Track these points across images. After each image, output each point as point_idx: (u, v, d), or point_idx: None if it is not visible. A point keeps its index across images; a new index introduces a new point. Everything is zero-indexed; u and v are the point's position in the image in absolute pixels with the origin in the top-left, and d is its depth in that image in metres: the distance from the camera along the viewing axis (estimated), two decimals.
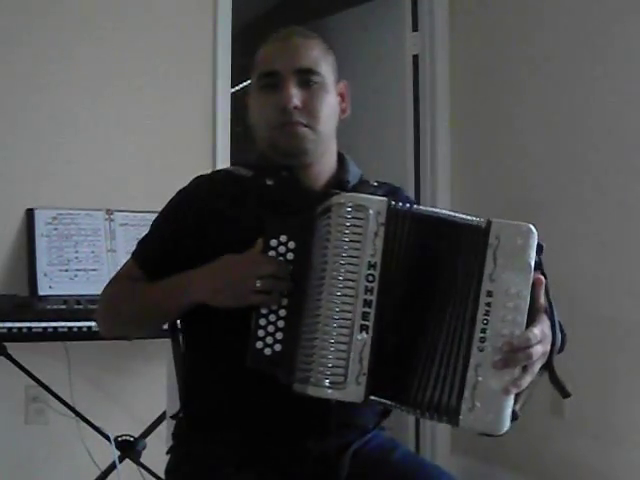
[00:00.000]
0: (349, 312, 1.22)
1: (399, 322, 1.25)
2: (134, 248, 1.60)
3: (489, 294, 1.21)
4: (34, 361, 2.65)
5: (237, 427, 1.43)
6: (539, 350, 1.25)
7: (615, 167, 2.93)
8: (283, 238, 1.33)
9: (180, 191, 1.58)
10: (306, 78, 1.48)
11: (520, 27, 3.35)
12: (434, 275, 1.26)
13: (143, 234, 1.60)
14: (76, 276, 2.78)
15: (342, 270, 1.23)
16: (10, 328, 2.47)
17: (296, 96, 1.47)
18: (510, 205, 3.33)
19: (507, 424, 1.23)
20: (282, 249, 1.33)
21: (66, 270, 2.79)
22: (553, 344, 1.29)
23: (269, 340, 1.31)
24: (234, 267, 1.36)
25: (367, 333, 1.22)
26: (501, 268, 1.21)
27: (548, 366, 1.30)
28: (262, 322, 1.32)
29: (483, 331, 1.21)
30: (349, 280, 1.23)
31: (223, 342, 1.44)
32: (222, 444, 1.43)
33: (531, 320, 1.24)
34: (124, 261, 1.62)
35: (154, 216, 1.61)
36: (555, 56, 3.18)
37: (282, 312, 1.32)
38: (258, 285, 1.31)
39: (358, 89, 4.48)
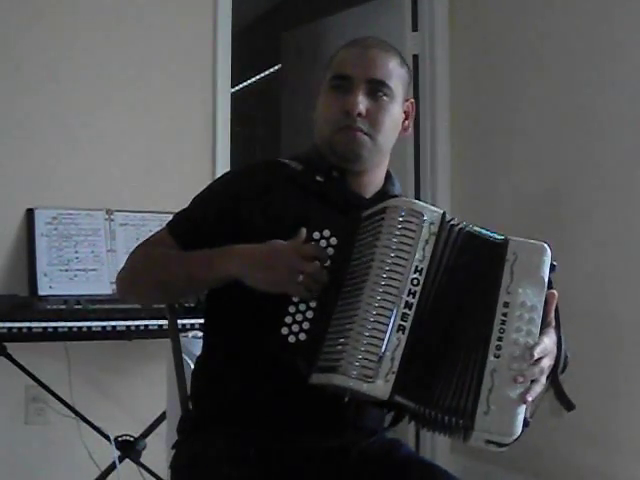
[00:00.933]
0: (390, 310, 1.25)
1: (432, 327, 1.28)
2: (170, 219, 1.59)
3: (506, 305, 1.28)
4: (34, 361, 2.65)
5: (245, 422, 1.44)
6: (546, 363, 1.30)
7: (616, 166, 2.93)
8: (326, 233, 1.36)
9: (229, 172, 1.62)
10: (376, 89, 1.51)
11: (520, 27, 3.35)
12: (464, 286, 1.31)
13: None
14: (76, 276, 2.79)
15: (388, 268, 1.26)
16: (10, 328, 2.47)
17: (362, 103, 1.50)
18: (509, 205, 3.33)
19: (519, 430, 1.26)
20: (323, 243, 1.36)
21: (66, 270, 2.79)
22: (558, 359, 1.35)
23: (295, 328, 1.33)
24: (281, 253, 1.36)
25: (403, 334, 1.24)
26: (517, 282, 1.29)
27: (554, 381, 1.36)
28: (291, 309, 1.33)
29: (499, 339, 1.27)
30: (394, 279, 1.26)
31: (245, 326, 1.45)
32: (228, 439, 1.44)
33: (541, 333, 1.30)
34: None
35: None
36: (555, 56, 3.18)
37: (313, 304, 1.34)
38: (300, 279, 1.32)
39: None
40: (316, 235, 1.36)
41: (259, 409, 1.43)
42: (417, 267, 1.26)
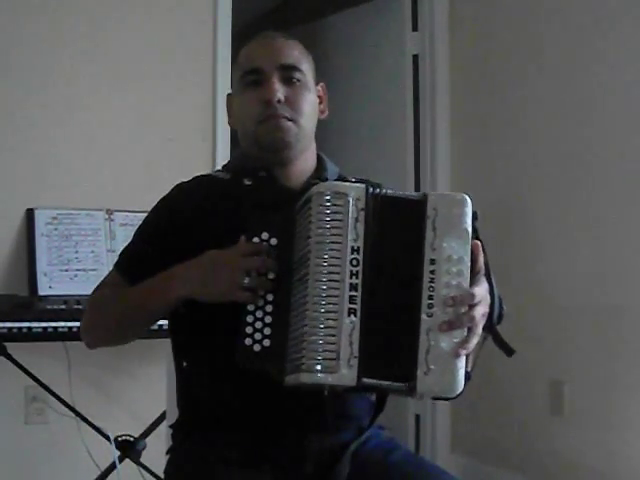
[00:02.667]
0: (336, 297, 1.24)
1: (379, 302, 1.26)
2: (116, 260, 1.61)
3: (432, 262, 1.26)
4: (34, 361, 2.65)
5: (234, 427, 1.44)
6: (480, 310, 1.29)
7: (616, 164, 2.93)
8: (264, 235, 1.35)
9: (161, 199, 1.59)
10: (289, 75, 1.53)
11: (520, 27, 3.35)
12: (395, 251, 1.29)
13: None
14: (76, 276, 2.79)
15: (326, 256, 1.25)
16: (10, 328, 2.46)
17: (279, 91, 1.50)
18: (509, 203, 3.33)
19: (462, 385, 1.26)
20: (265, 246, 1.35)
21: (66, 270, 2.79)
22: (492, 305, 1.34)
23: (257, 336, 1.32)
24: (221, 260, 1.37)
25: (355, 316, 1.23)
26: (440, 237, 1.27)
27: (491, 329, 1.35)
28: (249, 319, 1.33)
29: (430, 297, 1.25)
30: (334, 265, 1.25)
31: (212, 342, 1.44)
32: (220, 444, 1.43)
33: (471, 283, 1.29)
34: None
35: None
36: (555, 55, 3.18)
37: (268, 307, 1.33)
38: (245, 282, 1.32)
39: (358, 89, 4.50)
40: (255, 240, 1.35)
41: (245, 413, 1.43)
42: (353, 247, 1.25)
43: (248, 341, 1.32)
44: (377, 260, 1.26)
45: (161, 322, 1.64)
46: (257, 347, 1.31)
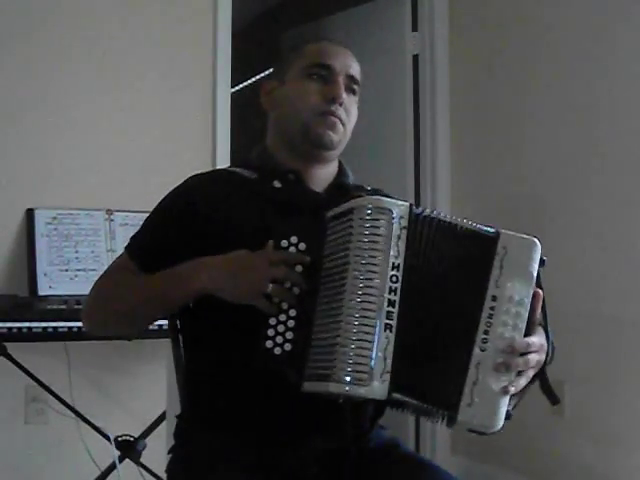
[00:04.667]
0: (373, 311, 1.24)
1: (419, 321, 1.28)
2: (127, 243, 1.58)
3: (493, 299, 1.27)
4: (34, 361, 2.65)
5: (239, 428, 1.43)
6: (535, 358, 1.31)
7: (617, 167, 2.93)
8: (294, 239, 1.34)
9: (175, 189, 1.57)
10: (351, 86, 1.57)
11: (520, 27, 3.35)
12: (448, 278, 1.30)
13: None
14: (76, 276, 2.79)
15: (365, 270, 1.25)
16: (10, 328, 2.47)
17: (344, 95, 1.54)
18: (510, 205, 3.33)
19: (501, 422, 1.28)
20: (292, 249, 1.34)
21: (66, 270, 2.79)
22: (546, 355, 1.36)
23: (279, 339, 1.31)
24: (249, 263, 1.36)
25: (391, 332, 1.24)
26: (506, 276, 1.28)
27: (541, 375, 1.36)
28: (272, 321, 1.32)
29: (486, 332, 1.27)
30: (373, 280, 1.25)
31: (226, 341, 1.44)
32: (224, 444, 1.43)
33: (527, 329, 1.30)
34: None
35: None
36: (555, 56, 3.18)
37: (292, 312, 1.32)
38: (269, 290, 1.31)
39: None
40: (284, 243, 1.34)
41: (253, 414, 1.42)
42: (394, 264, 1.25)
43: (269, 343, 1.31)
44: (419, 281, 1.27)
45: (161, 322, 1.64)
46: (278, 350, 1.31)
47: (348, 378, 1.22)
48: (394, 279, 1.25)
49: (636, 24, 2.87)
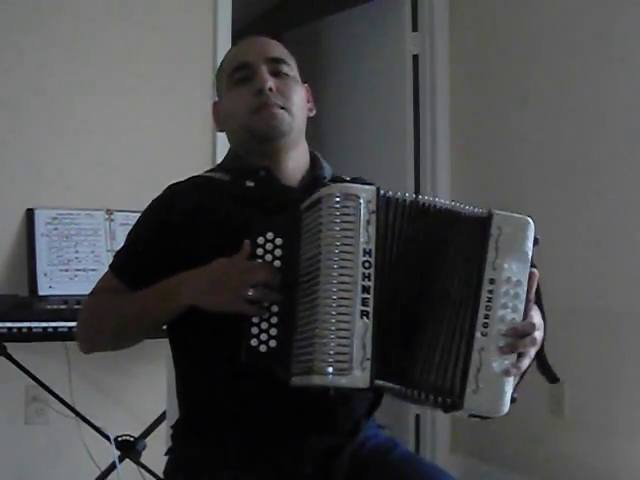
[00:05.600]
0: (348, 299, 1.23)
1: (400, 306, 1.27)
2: (111, 261, 1.59)
3: (491, 281, 1.26)
4: (34, 361, 2.65)
5: (235, 428, 1.43)
6: (538, 337, 1.31)
7: (614, 162, 2.93)
8: (269, 235, 1.34)
9: (154, 200, 1.57)
10: (277, 68, 1.55)
11: (520, 27, 3.35)
12: (434, 262, 1.29)
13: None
14: (76, 276, 2.79)
15: (337, 258, 1.24)
16: (10, 328, 2.46)
17: (270, 80, 1.52)
18: (510, 204, 3.32)
19: (507, 406, 1.26)
20: (269, 246, 1.34)
21: (66, 270, 2.79)
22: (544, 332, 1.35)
23: (263, 337, 1.31)
24: (227, 271, 1.35)
25: (368, 318, 1.23)
26: (502, 257, 1.27)
27: (539, 353, 1.36)
28: (255, 320, 1.32)
29: (486, 317, 1.25)
30: (345, 267, 1.24)
31: (214, 343, 1.44)
32: (221, 445, 1.43)
33: (525, 309, 1.29)
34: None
35: None
36: (555, 56, 3.18)
37: (274, 308, 1.32)
38: (250, 294, 1.31)
39: (358, 89, 4.49)
40: (260, 240, 1.34)
41: (246, 414, 1.42)
42: (365, 249, 1.24)
43: (254, 342, 1.31)
44: (393, 265, 1.26)
45: None
46: (263, 348, 1.31)
47: (330, 369, 1.22)
48: (367, 265, 1.24)
49: (636, 23, 2.87)
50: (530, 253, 1.29)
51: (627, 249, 2.88)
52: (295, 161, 1.57)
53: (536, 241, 1.31)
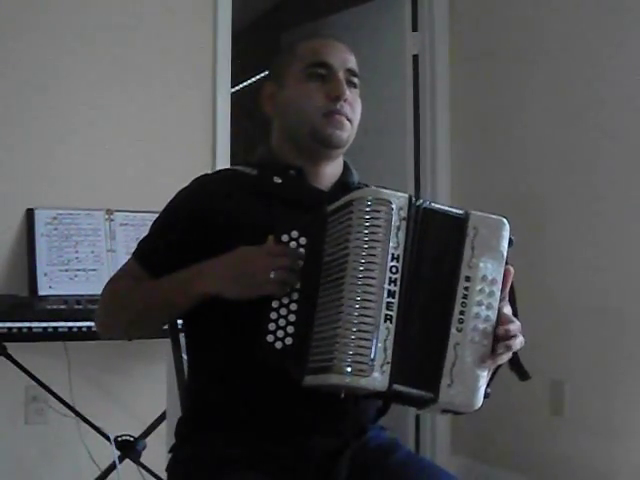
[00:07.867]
0: (373, 302, 1.24)
1: (416, 311, 1.28)
2: (134, 248, 1.58)
3: (467, 279, 1.29)
4: (34, 361, 2.65)
5: (241, 426, 1.43)
6: (518, 341, 1.32)
7: (616, 164, 2.93)
8: (294, 234, 1.35)
9: (182, 190, 1.58)
10: (351, 79, 1.56)
11: (520, 27, 3.35)
12: (433, 263, 1.31)
13: (143, 234, 1.59)
14: (76, 276, 2.79)
15: (365, 261, 1.25)
16: (10, 328, 2.47)
17: (348, 90, 1.53)
18: (510, 204, 3.33)
19: (481, 401, 1.28)
20: (293, 244, 1.35)
21: (66, 270, 2.79)
22: None
23: (280, 334, 1.31)
24: (249, 258, 1.36)
25: (391, 323, 1.24)
26: (478, 256, 1.30)
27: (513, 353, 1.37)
28: (273, 316, 1.32)
29: (461, 313, 1.28)
30: (373, 270, 1.25)
31: (228, 340, 1.44)
32: (225, 443, 1.43)
33: (501, 308, 1.31)
34: (124, 261, 1.60)
35: (154, 216, 1.60)
36: (555, 55, 3.18)
37: (293, 306, 1.33)
38: (272, 276, 1.32)
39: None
40: (285, 238, 1.35)
41: (253, 412, 1.42)
42: (393, 255, 1.25)
43: (270, 337, 1.31)
44: (416, 270, 1.28)
45: None
46: (279, 344, 1.31)
47: (349, 369, 1.22)
48: (394, 270, 1.25)
49: (636, 22, 2.87)
50: (505, 253, 1.32)
51: (628, 249, 2.88)
52: (332, 168, 1.58)
53: (510, 242, 1.33)
